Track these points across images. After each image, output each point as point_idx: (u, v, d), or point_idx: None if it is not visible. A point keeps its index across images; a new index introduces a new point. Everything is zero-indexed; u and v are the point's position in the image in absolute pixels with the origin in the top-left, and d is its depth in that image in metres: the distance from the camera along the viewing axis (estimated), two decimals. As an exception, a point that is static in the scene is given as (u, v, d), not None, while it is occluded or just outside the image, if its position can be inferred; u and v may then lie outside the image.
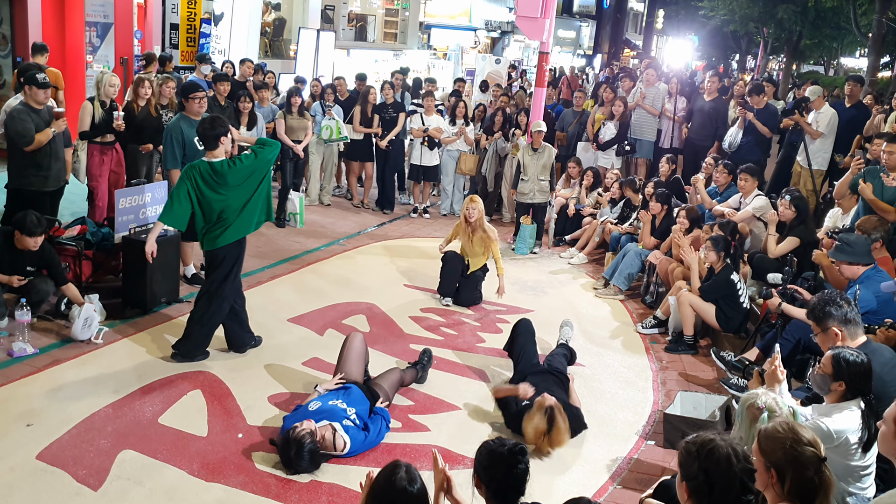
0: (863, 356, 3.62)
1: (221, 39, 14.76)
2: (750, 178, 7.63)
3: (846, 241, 5.34)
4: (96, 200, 7.58)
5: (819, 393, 3.80)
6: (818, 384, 3.72)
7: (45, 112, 6.53)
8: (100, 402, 4.97)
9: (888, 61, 18.77)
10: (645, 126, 10.63)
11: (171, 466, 4.37)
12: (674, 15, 44.99)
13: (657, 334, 6.92)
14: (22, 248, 5.78)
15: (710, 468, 2.58)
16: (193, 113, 6.70)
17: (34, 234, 5.73)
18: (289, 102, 9.55)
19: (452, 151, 10.58)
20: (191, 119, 6.67)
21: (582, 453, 4.90)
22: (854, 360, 3.58)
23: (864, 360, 3.60)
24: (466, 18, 29.79)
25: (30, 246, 5.77)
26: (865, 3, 16.79)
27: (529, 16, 9.16)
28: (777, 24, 23.99)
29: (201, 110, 6.73)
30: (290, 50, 18.13)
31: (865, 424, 3.49)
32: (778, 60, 39.08)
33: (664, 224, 7.92)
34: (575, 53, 38.67)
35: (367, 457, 4.62)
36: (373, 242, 9.18)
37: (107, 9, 12.23)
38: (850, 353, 3.62)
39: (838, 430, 3.43)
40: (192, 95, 6.69)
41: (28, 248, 5.77)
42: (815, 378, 3.76)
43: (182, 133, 6.63)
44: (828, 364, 3.64)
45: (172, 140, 6.63)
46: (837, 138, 8.81)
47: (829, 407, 3.61)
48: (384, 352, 6.13)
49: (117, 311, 6.38)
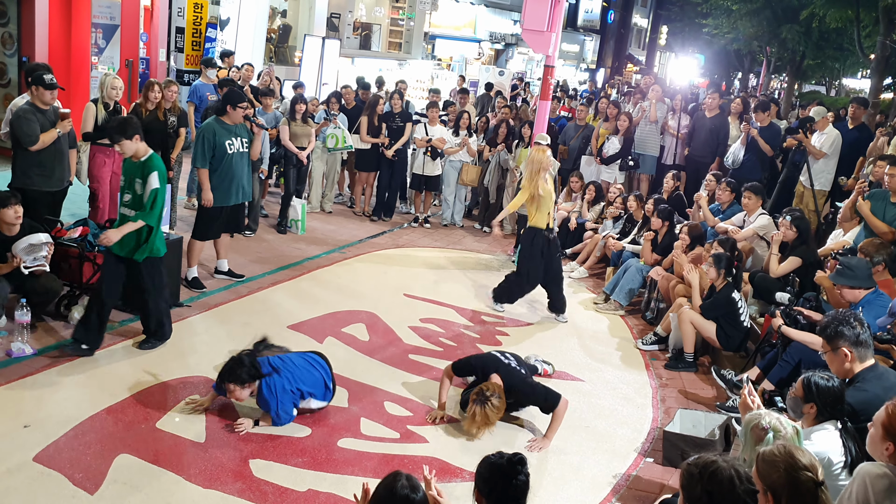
0: (834, 381, 3.68)
1: (227, 44, 14.80)
2: (754, 197, 7.65)
3: (847, 265, 5.34)
4: (98, 202, 7.59)
5: (793, 415, 3.83)
6: (791, 407, 3.80)
7: (50, 112, 6.53)
8: (98, 405, 4.95)
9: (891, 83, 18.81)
10: (648, 142, 10.67)
11: (168, 472, 4.35)
12: (678, 32, 45.19)
13: (657, 351, 6.91)
14: (6, 228, 5.76)
15: (714, 490, 2.58)
16: (233, 120, 6.98)
17: (6, 204, 5.73)
18: (293, 109, 9.57)
19: (455, 162, 10.59)
20: (226, 124, 6.97)
21: (581, 469, 4.88)
22: (824, 385, 3.64)
23: (835, 385, 3.66)
24: (471, 30, 29.91)
25: (10, 219, 5.75)
26: (869, 25, 16.84)
27: (536, 29, 9.18)
28: (780, 43, 24.09)
29: (241, 119, 7.06)
30: (295, 57, 18.18)
31: (846, 447, 3.51)
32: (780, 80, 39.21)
33: (666, 240, 7.92)
34: (578, 67, 38.82)
35: (364, 467, 4.61)
36: (374, 251, 9.18)
37: (114, 11, 12.24)
38: (821, 377, 3.70)
39: (819, 452, 3.45)
40: (240, 105, 6.97)
41: (9, 221, 5.75)
42: (788, 401, 3.80)
43: (214, 135, 6.88)
44: (799, 387, 3.72)
45: (204, 140, 6.87)
46: (841, 160, 8.85)
47: (808, 430, 3.64)
48: (383, 361, 6.12)
49: (116, 313, 6.35)
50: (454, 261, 9.15)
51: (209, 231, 7.18)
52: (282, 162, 9.71)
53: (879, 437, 2.92)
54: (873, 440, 2.97)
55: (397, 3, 25.13)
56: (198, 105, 10.00)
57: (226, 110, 6.96)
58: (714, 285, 6.53)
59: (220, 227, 7.27)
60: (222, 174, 6.95)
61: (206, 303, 6.90)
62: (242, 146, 7.07)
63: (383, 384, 5.72)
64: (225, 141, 6.89)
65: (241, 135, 7.08)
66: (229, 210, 7.20)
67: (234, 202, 7.19)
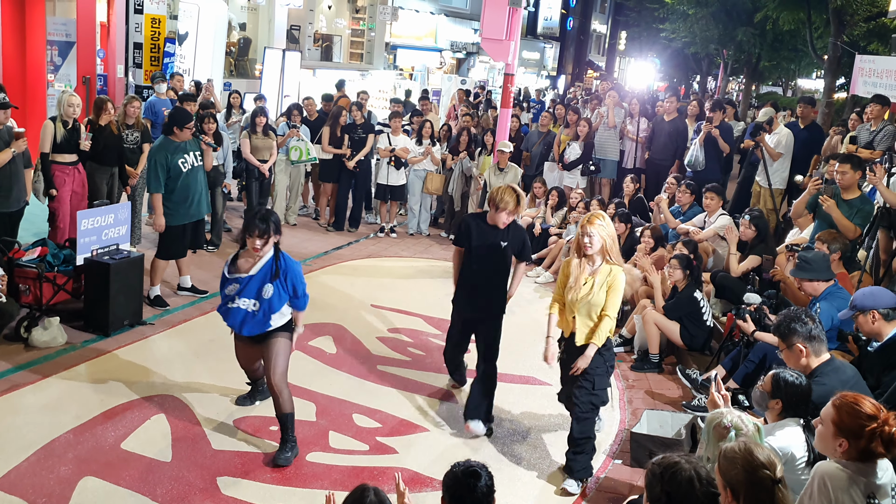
0: (802, 379, 3.73)
1: (186, 59, 14.68)
2: (716, 197, 7.77)
3: (805, 258, 5.43)
4: (58, 221, 7.46)
5: (758, 409, 3.89)
6: (757, 400, 3.85)
7: (4, 132, 6.43)
8: (60, 427, 4.86)
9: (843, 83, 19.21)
10: (608, 146, 10.79)
11: (134, 493, 4.29)
12: (636, 37, 45.72)
13: (623, 353, 6.97)
14: None
15: (672, 490, 2.62)
16: (181, 138, 6.87)
17: None
18: (253, 122, 9.52)
19: (419, 171, 10.61)
20: (174, 143, 6.84)
21: (551, 472, 4.91)
22: (792, 382, 3.69)
23: (802, 382, 3.71)
24: (432, 39, 30.00)
25: None
26: (821, 27, 17.20)
27: (495, 38, 9.26)
28: (736, 46, 24.50)
29: (190, 136, 6.96)
30: (256, 69, 18.09)
31: (808, 443, 3.58)
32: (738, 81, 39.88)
33: (627, 243, 8.00)
34: (539, 74, 39.09)
35: (333, 480, 4.58)
36: (340, 262, 9.15)
37: (69, 28, 12.10)
38: (790, 374, 3.74)
39: (782, 447, 3.51)
40: (187, 126, 6.88)
41: None
42: (755, 393, 3.86)
43: (166, 156, 6.77)
44: (768, 382, 3.76)
45: (156, 164, 6.77)
46: (794, 159, 9.05)
47: (772, 426, 3.70)
48: (351, 373, 6.10)
49: (78, 334, 6.27)
50: (421, 270, 9.16)
51: (174, 250, 7.12)
52: (244, 175, 9.65)
53: (831, 435, 2.95)
54: (824, 438, 3.00)
55: (357, 13, 25.15)
56: (154, 121, 9.88)
57: (173, 131, 6.91)
58: (676, 286, 6.61)
59: (185, 245, 7.21)
60: (180, 193, 6.89)
61: (170, 320, 6.83)
62: (196, 160, 7.02)
63: (352, 396, 5.70)
64: (178, 160, 6.83)
65: (193, 149, 7.02)
66: (192, 226, 7.15)
67: (196, 218, 7.14)
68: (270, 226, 4.76)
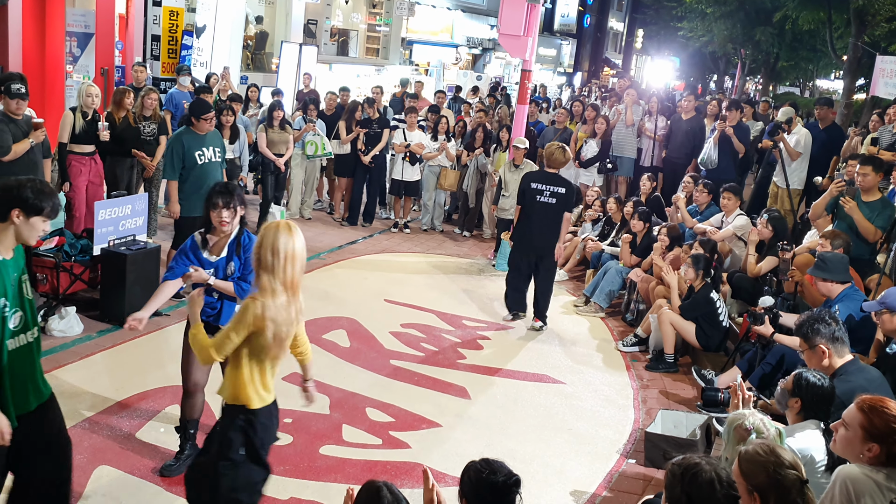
0: (825, 381, 3.67)
1: (203, 52, 14.70)
2: (733, 197, 7.71)
3: (823, 258, 5.39)
4: (73, 211, 7.50)
5: (779, 408, 3.85)
6: (778, 398, 3.81)
7: (23, 122, 6.46)
8: (76, 416, 4.89)
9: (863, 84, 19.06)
10: (626, 144, 10.73)
11: (148, 483, 4.31)
12: (653, 35, 45.48)
13: (638, 352, 6.95)
14: None
15: (693, 492, 2.58)
16: (201, 130, 6.86)
17: None
18: (270, 116, 9.53)
19: (434, 167, 10.59)
20: (195, 133, 6.83)
21: (563, 471, 4.89)
22: (815, 383, 3.64)
23: (825, 384, 3.64)
24: (448, 35, 29.92)
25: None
26: (841, 27, 17.06)
27: (512, 34, 9.23)
28: (755, 45, 24.37)
29: (210, 127, 6.94)
30: (273, 63, 18.11)
31: (828, 447, 3.53)
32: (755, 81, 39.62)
33: (644, 242, 7.96)
34: (555, 71, 38.97)
35: (346, 473, 4.59)
36: (354, 257, 9.16)
37: (88, 19, 12.14)
38: (813, 375, 3.68)
39: (801, 449, 3.46)
40: (204, 117, 6.84)
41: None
42: (777, 392, 3.82)
43: (183, 146, 6.75)
44: (790, 381, 3.72)
45: (173, 152, 6.77)
46: (813, 160, 8.96)
47: (791, 427, 3.65)
48: (365, 367, 6.10)
49: (94, 324, 6.30)
50: (434, 266, 9.15)
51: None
52: (259, 169, 9.67)
53: (859, 439, 2.87)
54: (850, 442, 2.92)
55: (374, 8, 25.13)
56: (174, 113, 9.93)
57: (191, 122, 6.90)
58: (693, 286, 6.57)
59: None
60: (193, 183, 6.86)
61: (186, 311, 6.82)
62: (215, 155, 6.97)
63: (365, 390, 5.71)
64: (195, 152, 6.76)
65: (214, 144, 7.00)
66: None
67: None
68: (235, 197, 4.42)
